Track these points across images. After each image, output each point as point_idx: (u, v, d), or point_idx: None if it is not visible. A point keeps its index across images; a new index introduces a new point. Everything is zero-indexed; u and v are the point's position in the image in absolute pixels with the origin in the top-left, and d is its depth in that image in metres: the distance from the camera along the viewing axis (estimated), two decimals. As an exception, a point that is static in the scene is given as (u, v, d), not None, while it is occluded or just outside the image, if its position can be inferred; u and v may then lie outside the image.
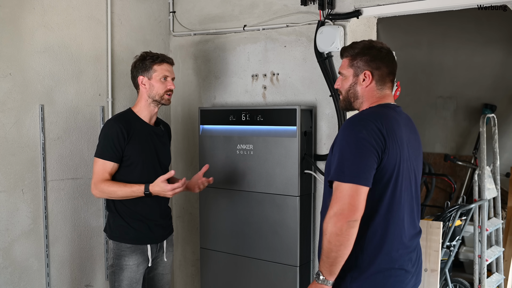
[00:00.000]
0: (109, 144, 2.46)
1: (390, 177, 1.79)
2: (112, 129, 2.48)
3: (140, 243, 2.55)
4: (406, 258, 1.87)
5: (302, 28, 3.04)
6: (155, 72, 2.55)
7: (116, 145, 2.46)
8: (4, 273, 2.67)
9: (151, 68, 2.55)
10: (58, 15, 2.87)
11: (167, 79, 2.58)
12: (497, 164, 3.91)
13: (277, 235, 2.97)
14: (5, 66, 2.62)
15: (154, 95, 2.56)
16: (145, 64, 2.56)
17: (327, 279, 1.76)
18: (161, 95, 2.56)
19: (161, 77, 2.56)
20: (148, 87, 2.56)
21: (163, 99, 2.58)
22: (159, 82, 2.56)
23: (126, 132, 2.48)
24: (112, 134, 2.47)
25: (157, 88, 2.55)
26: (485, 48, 5.19)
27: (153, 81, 2.55)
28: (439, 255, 2.90)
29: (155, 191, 2.44)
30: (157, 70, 2.55)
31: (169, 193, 2.44)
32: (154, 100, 2.57)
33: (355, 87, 1.94)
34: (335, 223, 1.70)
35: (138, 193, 2.45)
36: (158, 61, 2.56)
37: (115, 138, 2.46)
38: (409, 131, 1.93)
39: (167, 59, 2.61)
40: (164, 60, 2.59)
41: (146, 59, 2.56)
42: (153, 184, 2.43)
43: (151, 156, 2.58)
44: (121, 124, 2.48)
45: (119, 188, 2.45)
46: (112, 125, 2.50)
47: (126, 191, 2.45)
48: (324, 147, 3.02)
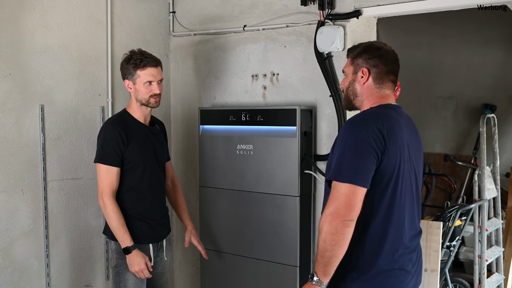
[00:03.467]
0: (110, 148, 2.45)
1: (390, 178, 1.79)
2: (111, 134, 2.47)
3: (142, 242, 2.55)
4: (407, 258, 1.87)
5: (302, 28, 3.04)
6: (139, 78, 2.49)
7: (116, 149, 2.45)
8: (4, 273, 2.67)
9: (135, 73, 2.49)
10: (58, 15, 2.87)
11: (152, 83, 2.50)
12: (497, 164, 3.91)
13: (277, 235, 2.97)
14: (5, 66, 2.62)
15: (140, 99, 2.53)
16: (128, 69, 2.50)
17: (321, 280, 1.77)
18: (146, 99, 2.52)
19: (145, 83, 2.49)
20: (134, 91, 2.52)
21: (150, 103, 2.53)
22: (144, 87, 2.49)
23: (125, 135, 2.47)
24: (111, 138, 2.46)
25: (141, 93, 2.50)
26: (485, 48, 5.18)
27: (137, 86, 2.50)
28: (439, 255, 2.90)
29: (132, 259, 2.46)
30: (140, 76, 2.48)
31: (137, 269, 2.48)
32: (142, 103, 2.54)
33: (353, 84, 1.96)
34: (330, 222, 1.71)
35: (121, 241, 2.47)
36: (140, 66, 2.47)
37: (115, 142, 2.45)
38: (410, 131, 1.93)
39: (150, 63, 2.49)
40: (147, 64, 2.48)
41: (129, 63, 2.49)
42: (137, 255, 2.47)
43: (150, 156, 2.58)
44: (119, 128, 2.47)
45: (116, 223, 2.45)
46: (111, 130, 2.48)
47: (117, 232, 2.46)
48: (324, 147, 3.02)
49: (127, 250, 2.46)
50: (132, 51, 2.54)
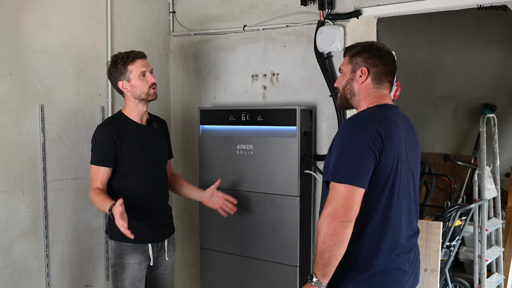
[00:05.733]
0: (100, 149, 2.48)
1: (388, 178, 1.79)
2: (101, 135, 2.49)
3: (140, 242, 2.54)
4: (404, 258, 1.88)
5: (302, 28, 3.04)
6: (131, 72, 2.50)
7: (107, 150, 2.47)
8: (4, 273, 2.67)
9: (126, 70, 2.50)
10: (58, 15, 2.87)
11: (146, 74, 2.53)
12: (497, 164, 3.91)
13: (277, 235, 2.98)
14: (5, 66, 2.62)
15: (139, 95, 2.53)
16: (118, 68, 2.51)
17: (320, 281, 1.77)
18: (146, 92, 2.53)
19: (139, 75, 2.51)
20: (131, 89, 2.53)
21: (150, 95, 2.54)
22: (139, 80, 2.51)
23: (115, 136, 2.48)
24: (102, 139, 2.48)
25: (139, 87, 2.51)
26: (485, 48, 5.19)
27: (132, 81, 2.51)
28: (439, 255, 2.90)
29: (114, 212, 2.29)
30: (133, 70, 2.50)
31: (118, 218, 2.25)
32: (141, 100, 2.54)
33: (351, 83, 1.96)
34: (329, 223, 1.71)
35: (104, 208, 2.35)
36: (129, 60, 2.50)
37: (105, 143, 2.47)
38: (407, 132, 1.93)
39: (137, 55, 2.53)
40: (136, 56, 2.51)
41: (117, 63, 2.51)
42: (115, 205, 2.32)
43: (145, 157, 2.57)
44: (109, 128, 2.49)
45: (97, 200, 2.42)
46: (101, 131, 2.51)
47: (99, 205, 2.40)
48: (324, 147, 3.02)
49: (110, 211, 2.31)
50: (113, 56, 2.58)
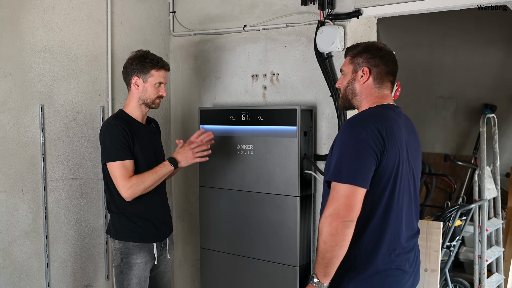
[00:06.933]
0: (119, 144, 2.44)
1: (389, 178, 1.79)
2: (115, 130, 2.46)
3: (146, 241, 2.56)
4: (404, 258, 1.87)
5: (302, 28, 3.04)
6: (152, 77, 2.54)
7: (125, 144, 2.46)
8: (4, 273, 2.67)
9: (149, 72, 2.53)
10: (58, 15, 2.87)
11: (161, 85, 2.58)
12: (497, 164, 3.91)
13: (277, 235, 2.97)
14: (5, 66, 2.62)
15: (145, 98, 2.55)
16: (143, 66, 2.53)
17: (321, 282, 1.77)
18: (152, 99, 2.57)
19: (156, 83, 2.55)
20: (141, 89, 2.55)
21: (154, 104, 2.59)
22: (153, 87, 2.55)
23: (128, 131, 2.48)
24: (118, 134, 2.45)
25: (149, 93, 2.55)
26: (485, 48, 5.18)
27: (147, 84, 2.54)
28: (439, 255, 2.90)
29: (181, 159, 2.53)
30: (154, 75, 2.54)
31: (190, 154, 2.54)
32: (144, 103, 2.57)
33: (353, 83, 1.96)
34: (330, 223, 1.71)
35: (166, 171, 2.50)
36: (157, 66, 2.54)
37: (122, 137, 2.45)
38: (408, 132, 1.93)
39: (166, 66, 2.59)
40: (163, 66, 2.58)
41: (145, 61, 2.53)
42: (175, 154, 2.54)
43: (150, 155, 2.59)
44: (122, 123, 2.48)
45: (150, 176, 2.47)
46: (114, 127, 2.47)
47: (154, 177, 2.48)
48: (324, 147, 3.02)
49: (173, 161, 2.52)
50: (143, 51, 2.59)
